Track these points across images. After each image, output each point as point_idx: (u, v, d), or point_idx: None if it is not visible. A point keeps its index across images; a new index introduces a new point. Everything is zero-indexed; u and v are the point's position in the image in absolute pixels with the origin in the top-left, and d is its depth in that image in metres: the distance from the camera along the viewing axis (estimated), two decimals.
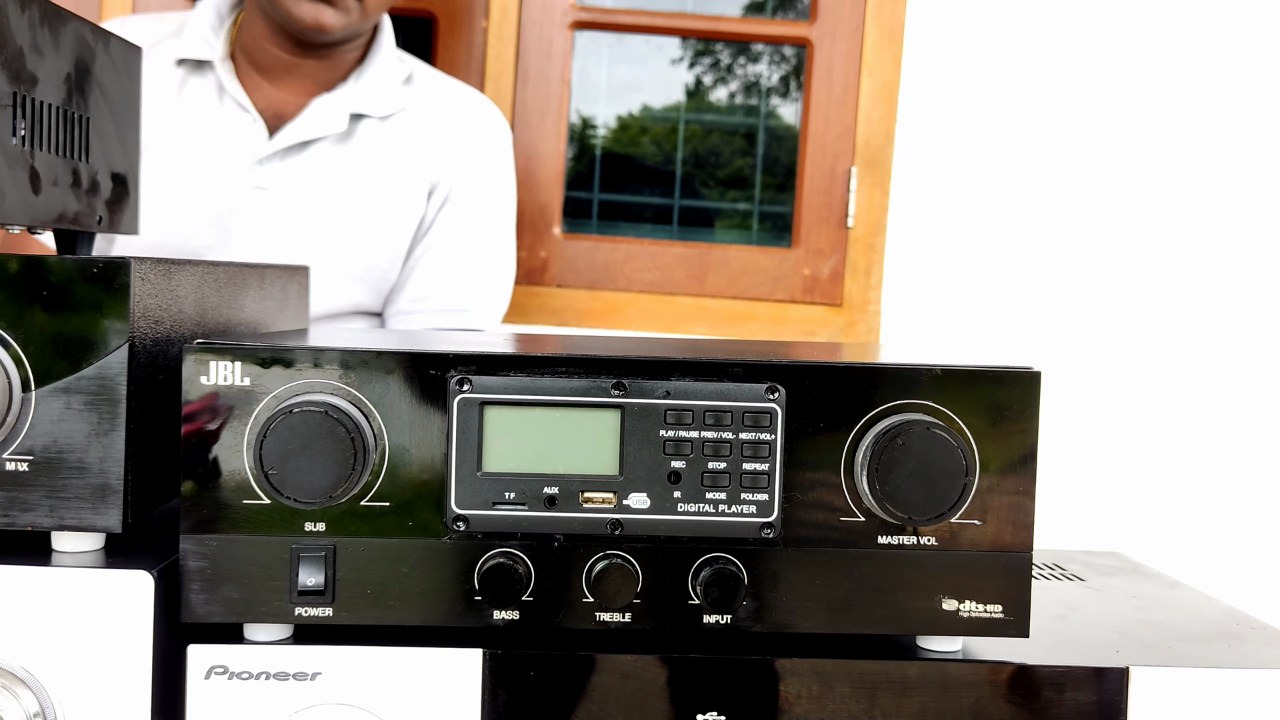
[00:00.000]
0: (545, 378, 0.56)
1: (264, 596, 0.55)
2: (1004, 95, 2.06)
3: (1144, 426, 2.11)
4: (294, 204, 1.43)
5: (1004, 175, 2.07)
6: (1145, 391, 2.10)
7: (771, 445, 0.56)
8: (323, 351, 0.55)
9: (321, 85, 1.47)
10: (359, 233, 1.45)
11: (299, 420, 0.53)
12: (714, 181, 2.26)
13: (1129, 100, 2.07)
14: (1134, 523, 2.08)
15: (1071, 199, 2.08)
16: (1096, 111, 2.07)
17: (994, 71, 2.06)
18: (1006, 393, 0.57)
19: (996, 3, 2.04)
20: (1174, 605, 0.71)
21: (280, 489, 0.54)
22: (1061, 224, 2.08)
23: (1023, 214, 2.08)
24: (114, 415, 0.54)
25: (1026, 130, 2.07)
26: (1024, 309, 2.08)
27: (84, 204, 0.73)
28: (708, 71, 2.24)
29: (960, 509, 0.56)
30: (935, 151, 2.07)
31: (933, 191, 2.08)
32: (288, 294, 0.84)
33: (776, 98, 2.26)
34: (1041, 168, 2.07)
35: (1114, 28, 2.06)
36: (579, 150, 2.19)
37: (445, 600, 0.56)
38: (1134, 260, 2.09)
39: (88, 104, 0.73)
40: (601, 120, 2.20)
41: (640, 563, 0.56)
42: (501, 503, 0.56)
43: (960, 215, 2.08)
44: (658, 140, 2.23)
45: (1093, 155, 2.07)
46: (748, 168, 2.27)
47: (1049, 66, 2.06)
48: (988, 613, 0.58)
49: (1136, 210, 2.09)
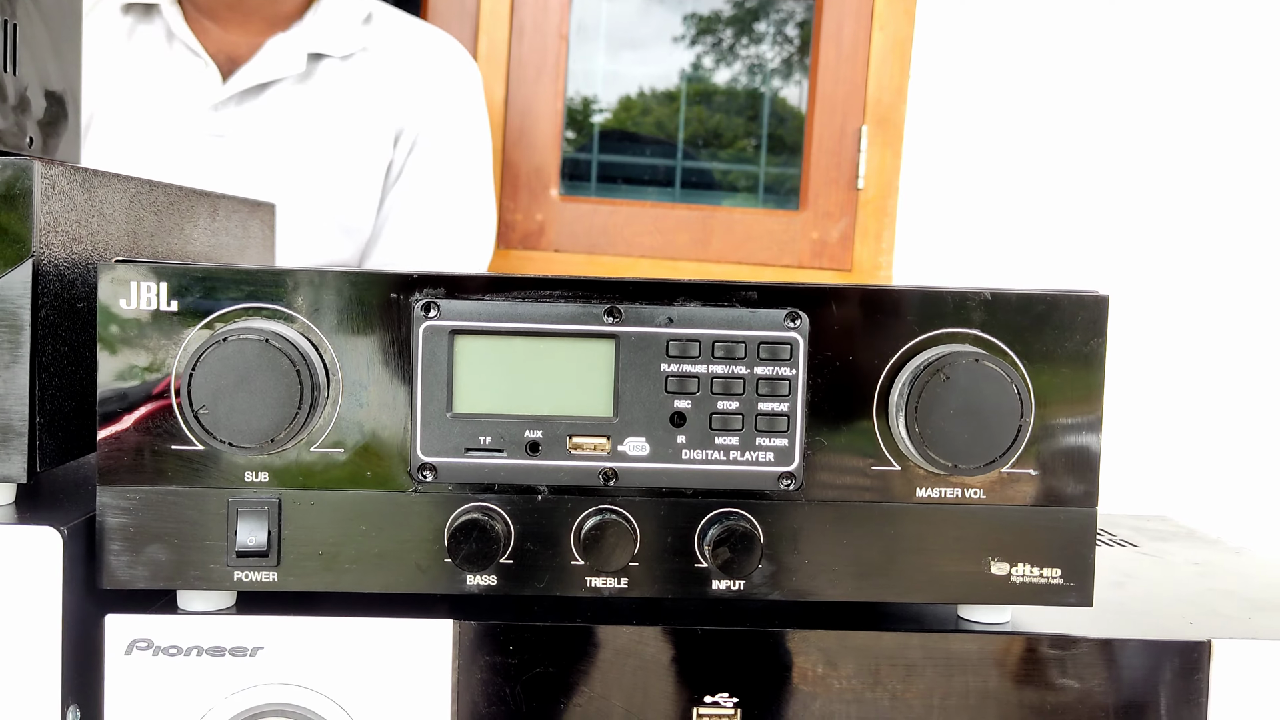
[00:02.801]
0: (527, 303, 0.47)
1: (197, 558, 0.47)
2: (1021, 50, 1.97)
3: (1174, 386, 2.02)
4: (254, 150, 1.35)
5: (1021, 134, 1.98)
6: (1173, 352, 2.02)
7: (792, 381, 0.48)
8: (266, 272, 0.47)
9: (273, 24, 1.40)
10: (324, 178, 1.38)
11: (234, 350, 0.45)
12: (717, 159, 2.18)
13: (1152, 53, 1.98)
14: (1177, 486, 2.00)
15: (1090, 158, 1.99)
16: (1117, 62, 1.98)
17: (1010, 24, 1.97)
18: (1068, 321, 0.49)
19: None
20: (1242, 573, 0.63)
21: (213, 431, 0.45)
22: (1081, 185, 1.99)
23: (1042, 174, 1.99)
24: (16, 345, 0.46)
25: (1045, 86, 1.98)
26: (1042, 272, 2.00)
27: (10, 121, 0.65)
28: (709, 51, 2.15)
29: (1013, 456, 0.48)
30: (950, 109, 1.99)
31: (947, 151, 2.00)
32: (248, 230, 0.75)
33: (779, 79, 2.17)
34: (1060, 124, 1.98)
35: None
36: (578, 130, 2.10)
37: (410, 562, 0.47)
38: (1154, 219, 2.00)
39: (14, 9, 0.64)
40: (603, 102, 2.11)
41: (638, 519, 0.48)
42: (475, 449, 0.47)
43: (976, 176, 2.00)
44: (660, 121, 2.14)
45: (1113, 109, 1.98)
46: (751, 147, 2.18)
47: (1067, 18, 1.97)
48: (1044, 578, 0.49)
49: (1156, 169, 2.00)
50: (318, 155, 1.38)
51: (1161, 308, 2.02)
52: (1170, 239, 2.01)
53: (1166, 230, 2.01)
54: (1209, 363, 2.03)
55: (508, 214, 1.99)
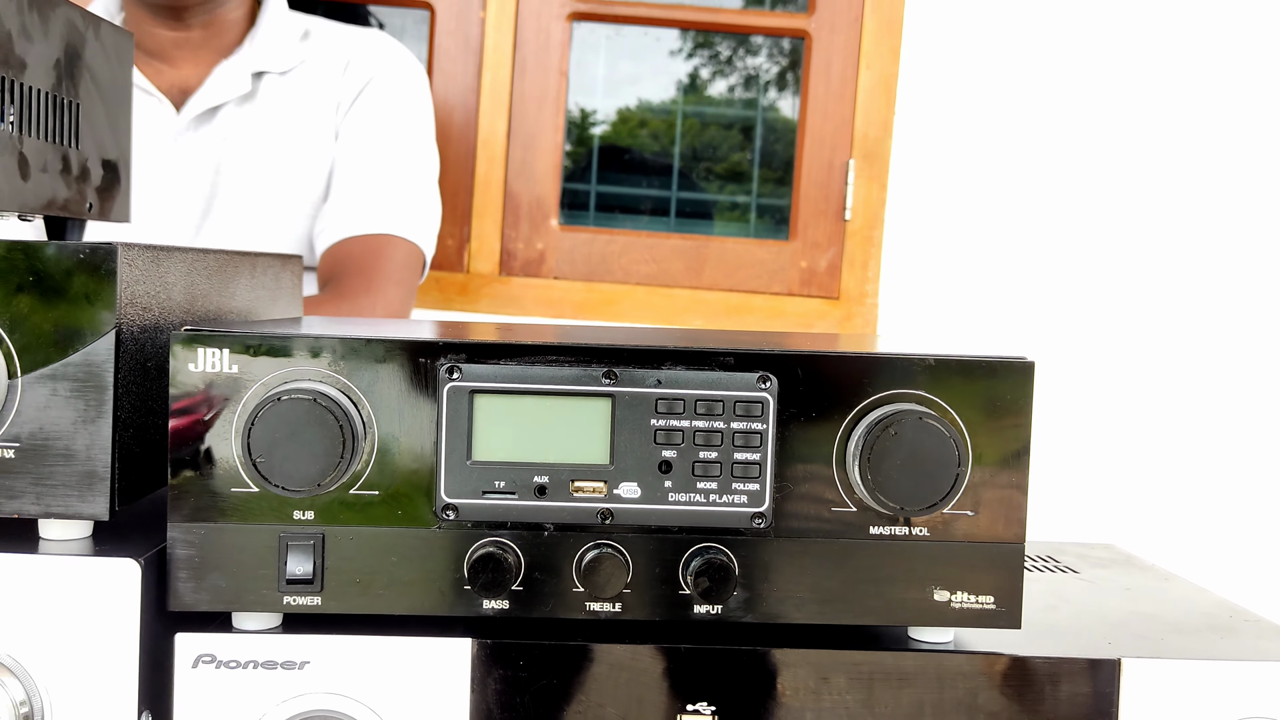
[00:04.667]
0: (536, 366, 0.55)
1: (252, 585, 0.55)
2: (1003, 88, 2.06)
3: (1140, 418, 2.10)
4: (211, 168, 1.47)
5: (1002, 169, 2.06)
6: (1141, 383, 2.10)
7: (763, 435, 0.56)
8: (312, 338, 0.55)
9: (218, 54, 1.50)
10: (279, 182, 1.48)
11: (287, 407, 0.53)
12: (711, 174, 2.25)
13: (1128, 92, 2.07)
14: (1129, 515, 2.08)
15: (1070, 193, 2.07)
16: (1096, 103, 2.06)
17: (993, 64, 2.06)
18: (1000, 383, 0.57)
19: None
20: (1166, 598, 0.71)
21: (268, 477, 0.53)
22: (1059, 218, 2.08)
23: (1021, 207, 2.07)
24: (101, 402, 0.54)
25: (1025, 123, 2.06)
26: (1022, 302, 2.08)
27: (74, 191, 0.73)
28: (706, 64, 2.23)
29: (952, 500, 0.56)
30: (933, 144, 2.07)
31: (931, 185, 2.08)
32: (280, 282, 0.83)
33: (774, 91, 2.25)
34: (1040, 161, 2.06)
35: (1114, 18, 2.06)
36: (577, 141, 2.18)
37: (434, 589, 0.55)
38: (1130, 253, 2.08)
39: (78, 90, 0.72)
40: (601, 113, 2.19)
41: (631, 552, 0.56)
42: (491, 491, 0.55)
43: (958, 208, 2.08)
44: (656, 133, 2.22)
45: (1092, 148, 2.07)
46: (745, 161, 2.26)
47: (1048, 59, 2.06)
48: (980, 604, 0.57)
49: (1132, 204, 2.08)
50: (269, 161, 1.48)
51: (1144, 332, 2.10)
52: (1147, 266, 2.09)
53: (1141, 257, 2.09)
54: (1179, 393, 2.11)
55: (509, 242, 2.07)
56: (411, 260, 1.48)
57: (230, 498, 0.55)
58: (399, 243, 1.46)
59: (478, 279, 2.05)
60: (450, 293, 2.01)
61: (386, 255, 1.44)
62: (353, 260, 1.43)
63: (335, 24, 1.60)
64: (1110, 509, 2.09)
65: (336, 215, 1.47)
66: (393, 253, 1.45)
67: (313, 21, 1.58)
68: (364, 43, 1.56)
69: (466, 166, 2.03)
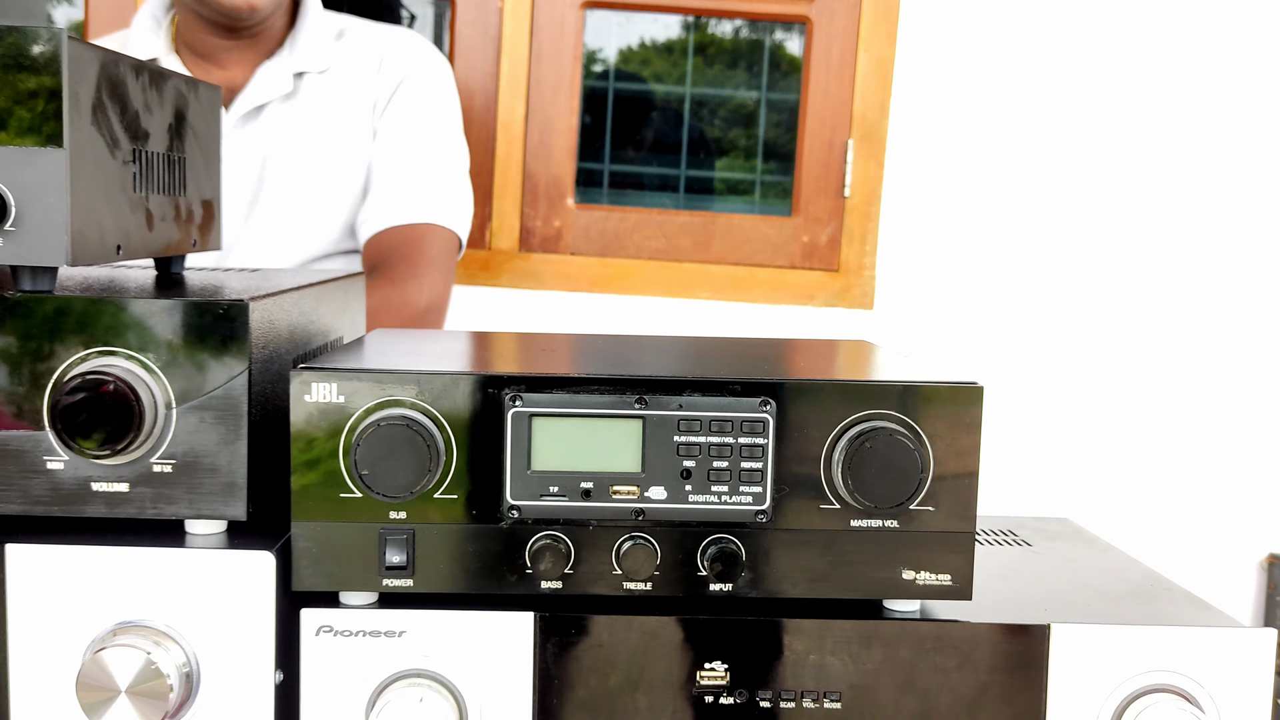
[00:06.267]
0: (581, 394, 0.69)
1: (358, 570, 0.69)
2: (993, 71, 2.17)
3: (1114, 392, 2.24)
4: (258, 162, 1.60)
5: (992, 147, 2.18)
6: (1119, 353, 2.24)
7: (764, 448, 0.69)
8: (403, 373, 0.68)
9: (261, 56, 1.63)
10: (321, 173, 1.61)
11: (386, 432, 0.67)
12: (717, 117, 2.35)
13: (1113, 78, 2.18)
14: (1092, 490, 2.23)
15: (1054, 171, 2.19)
16: (1081, 87, 2.18)
17: (985, 48, 2.17)
18: (955, 403, 0.70)
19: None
20: (1102, 568, 0.85)
21: (371, 486, 0.67)
22: (1044, 195, 2.20)
23: (1009, 184, 2.19)
24: (238, 427, 0.68)
25: (1014, 104, 2.18)
26: (1009, 274, 2.21)
27: (183, 231, 0.86)
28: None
29: (917, 499, 0.70)
30: (928, 125, 2.19)
31: (925, 163, 2.20)
32: (348, 300, 0.97)
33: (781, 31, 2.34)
34: (1027, 140, 2.18)
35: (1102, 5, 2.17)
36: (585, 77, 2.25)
37: (503, 573, 0.69)
38: (1111, 230, 2.21)
39: (184, 145, 0.86)
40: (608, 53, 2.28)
41: (658, 542, 0.70)
42: (547, 495, 0.69)
43: (951, 185, 2.20)
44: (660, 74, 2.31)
45: (1076, 128, 2.18)
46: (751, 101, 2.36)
47: (1037, 43, 2.17)
48: (939, 581, 0.71)
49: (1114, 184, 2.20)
50: (312, 154, 1.62)
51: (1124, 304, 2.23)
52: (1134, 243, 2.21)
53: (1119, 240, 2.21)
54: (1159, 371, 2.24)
55: (528, 220, 2.19)
56: (450, 246, 1.62)
57: (340, 501, 0.68)
58: (438, 230, 1.60)
59: (499, 255, 2.18)
60: (473, 269, 2.14)
61: (428, 242, 1.58)
62: (397, 249, 1.56)
63: (367, 22, 1.72)
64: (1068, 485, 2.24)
65: (379, 206, 1.60)
66: (434, 240, 1.59)
67: (346, 21, 1.70)
68: (395, 42, 1.68)
69: (487, 148, 2.16)
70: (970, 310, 2.20)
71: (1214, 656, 0.71)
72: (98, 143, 0.69)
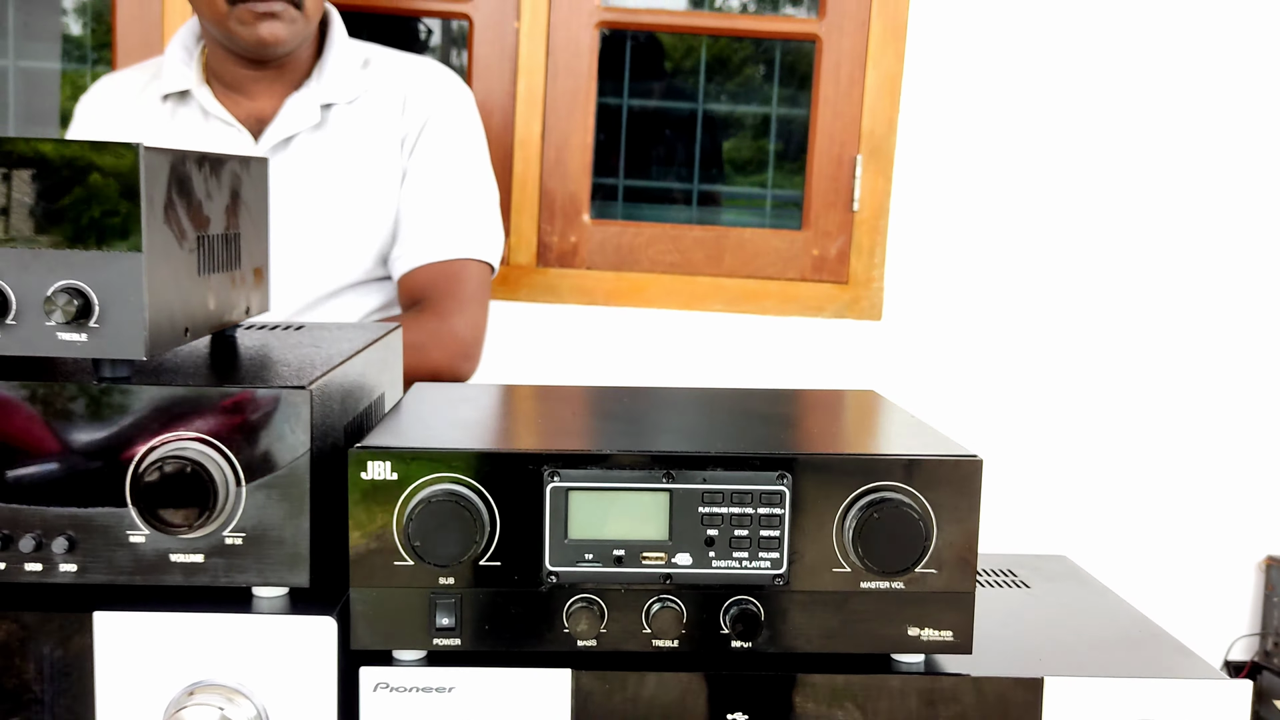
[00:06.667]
0: (614, 470, 0.75)
1: (410, 631, 0.75)
2: (999, 88, 2.22)
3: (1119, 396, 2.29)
4: (288, 193, 1.65)
5: (997, 162, 2.23)
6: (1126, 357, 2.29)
7: (781, 517, 0.76)
8: (451, 452, 0.75)
9: (289, 85, 1.68)
10: (350, 205, 1.67)
11: (436, 507, 0.73)
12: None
13: (1118, 94, 2.23)
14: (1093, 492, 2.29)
15: (1058, 186, 2.25)
16: (1082, 101, 2.23)
17: (990, 66, 2.22)
18: (956, 475, 0.76)
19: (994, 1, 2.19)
20: (1093, 613, 0.91)
21: (423, 556, 0.74)
22: (1049, 209, 2.25)
23: (1015, 198, 2.25)
24: (301, 503, 0.74)
25: (1018, 121, 2.23)
26: (1014, 284, 2.26)
27: (238, 301, 0.93)
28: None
29: (921, 563, 0.76)
30: (935, 140, 2.24)
31: (932, 177, 2.25)
32: (388, 358, 1.03)
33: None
34: (1031, 155, 2.24)
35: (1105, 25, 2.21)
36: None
37: (542, 633, 0.76)
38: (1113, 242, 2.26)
39: (239, 222, 0.92)
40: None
41: (685, 604, 0.76)
42: (582, 561, 0.76)
43: (957, 199, 2.26)
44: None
45: (1080, 144, 2.24)
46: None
47: (1041, 60, 2.22)
48: (941, 637, 0.78)
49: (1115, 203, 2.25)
50: (341, 185, 1.68)
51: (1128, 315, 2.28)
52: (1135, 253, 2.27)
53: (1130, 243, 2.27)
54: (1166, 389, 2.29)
55: (545, 235, 2.25)
56: (485, 278, 1.70)
57: (394, 569, 0.75)
58: (474, 265, 1.68)
59: (517, 270, 2.24)
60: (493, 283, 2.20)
61: (465, 277, 1.65)
62: (437, 284, 1.64)
63: (390, 52, 1.77)
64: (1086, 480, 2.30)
65: (415, 244, 1.67)
66: (470, 274, 1.66)
67: (370, 50, 1.75)
68: (418, 78, 1.73)
69: (505, 166, 2.21)
70: (975, 320, 2.26)
71: (1195, 707, 0.77)
72: (169, 240, 0.76)
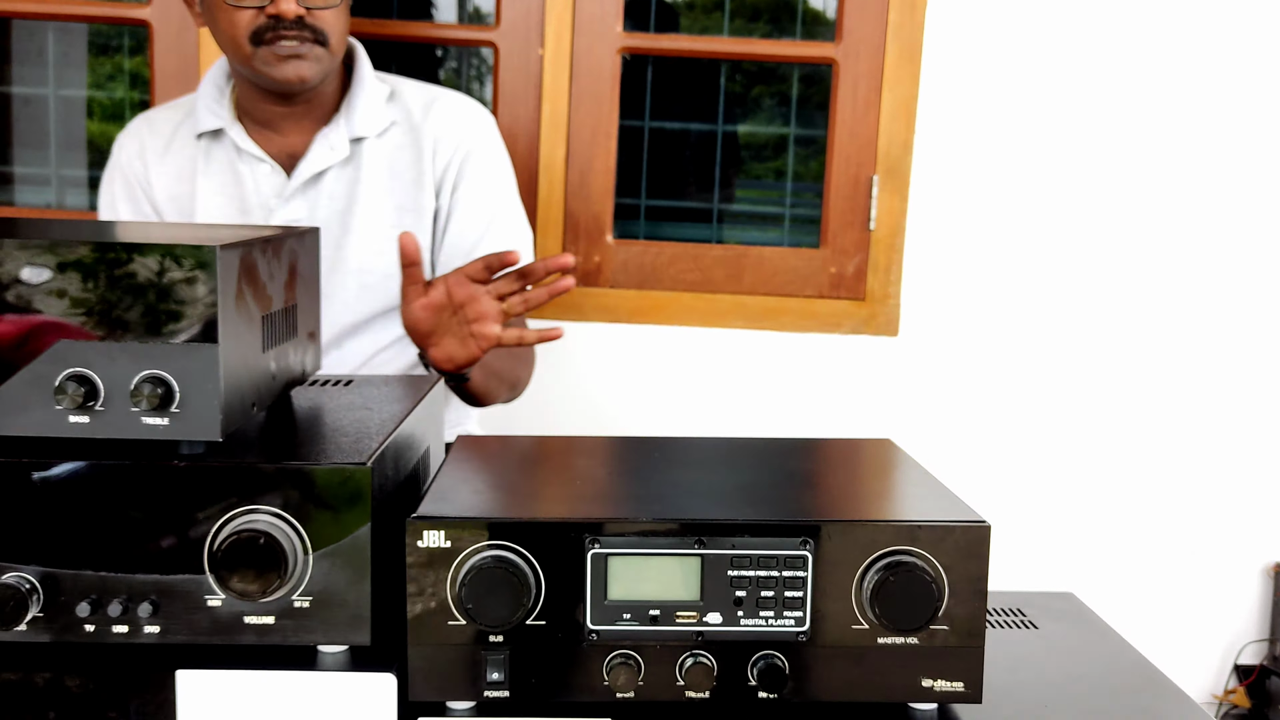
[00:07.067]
0: (649, 537, 0.82)
1: (462, 684, 0.82)
2: (1012, 110, 2.27)
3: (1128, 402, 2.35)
4: (322, 226, 1.73)
5: (1011, 182, 2.29)
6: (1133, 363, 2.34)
7: (804, 579, 0.82)
8: (499, 521, 0.81)
9: (318, 120, 1.75)
10: (381, 235, 1.72)
11: (487, 574, 0.80)
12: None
13: (1125, 115, 2.28)
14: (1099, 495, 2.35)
15: (1071, 204, 2.30)
16: (1094, 123, 2.28)
17: (1003, 88, 2.26)
18: (966, 539, 0.83)
19: (1006, 26, 2.24)
20: (1097, 656, 0.97)
21: (475, 618, 0.80)
22: (1061, 227, 2.30)
23: (1027, 217, 2.30)
24: (363, 569, 0.81)
25: (1032, 142, 2.28)
26: (1026, 304, 2.32)
27: (296, 367, 0.99)
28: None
29: (933, 621, 0.82)
30: (949, 161, 2.29)
31: (947, 197, 2.30)
32: (431, 412, 1.10)
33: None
34: (1044, 175, 2.29)
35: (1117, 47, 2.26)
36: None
37: (585, 685, 0.83)
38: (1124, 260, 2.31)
39: (295, 293, 0.98)
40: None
41: (715, 659, 0.83)
42: (621, 620, 0.82)
43: (971, 218, 2.31)
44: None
45: (1091, 163, 2.28)
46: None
47: (1053, 82, 2.26)
48: (953, 687, 0.84)
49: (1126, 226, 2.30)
50: (373, 217, 1.74)
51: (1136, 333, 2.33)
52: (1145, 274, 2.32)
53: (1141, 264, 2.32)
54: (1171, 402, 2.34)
55: None
56: None
57: (448, 628, 0.82)
58: None
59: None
60: None
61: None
62: None
63: (414, 84, 1.82)
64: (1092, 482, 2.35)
65: None
66: None
67: (395, 81, 1.81)
68: (447, 114, 1.78)
69: (530, 189, 2.27)
70: (988, 335, 2.31)
71: None
72: (239, 327, 0.82)
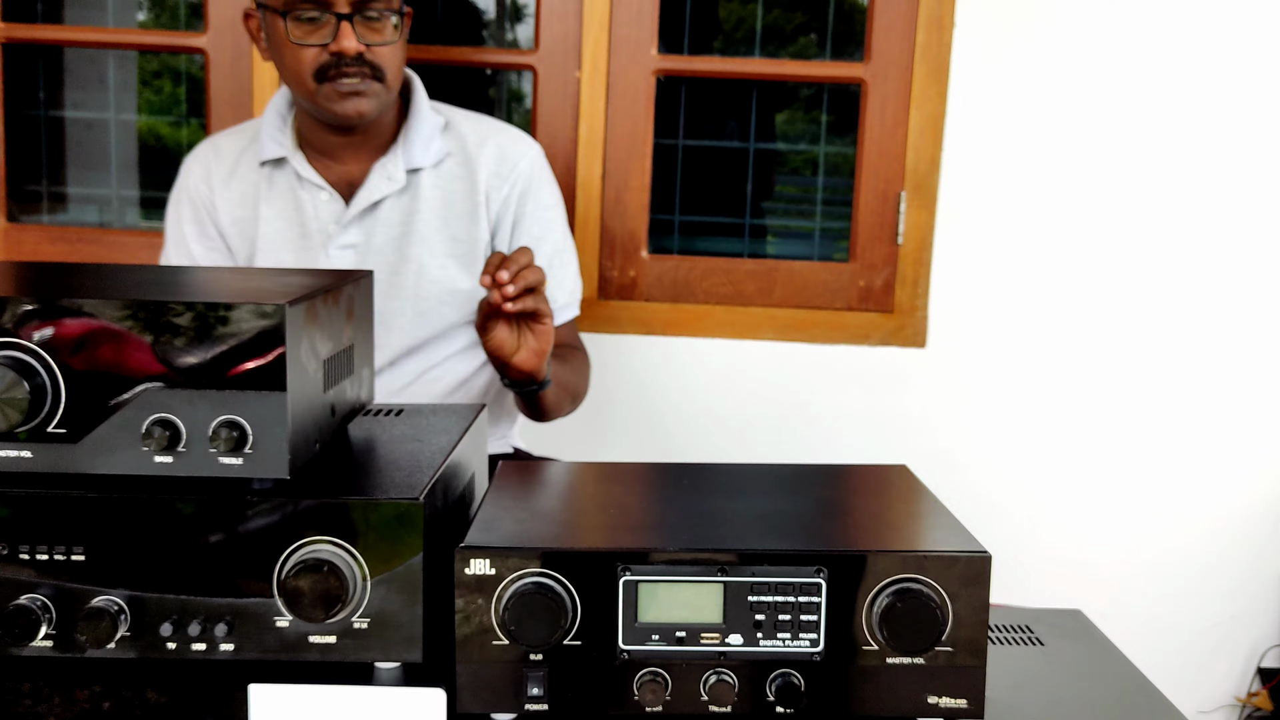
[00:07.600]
0: (676, 565, 0.89)
1: (506, 698, 0.90)
2: (1037, 127, 2.32)
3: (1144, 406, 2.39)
4: (378, 252, 1.81)
5: (1036, 197, 2.34)
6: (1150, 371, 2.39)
7: (819, 605, 0.90)
8: (540, 550, 0.89)
9: (376, 150, 1.83)
10: (435, 264, 1.81)
11: (528, 599, 0.88)
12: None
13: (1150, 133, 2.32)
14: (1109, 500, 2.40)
15: (1096, 220, 2.35)
16: (1119, 139, 2.32)
17: (1028, 106, 2.32)
18: (968, 568, 0.90)
19: (1031, 46, 2.29)
20: (1100, 676, 1.04)
21: (517, 639, 0.88)
22: (1086, 242, 2.35)
23: (1053, 232, 2.35)
24: (416, 594, 0.89)
25: (1056, 157, 2.33)
26: (1052, 315, 2.37)
27: (353, 401, 1.08)
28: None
29: (938, 644, 0.89)
30: (976, 177, 2.35)
31: (973, 212, 2.36)
32: (476, 440, 1.18)
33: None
34: (1069, 190, 2.34)
35: (1143, 66, 2.30)
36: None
37: (617, 700, 0.90)
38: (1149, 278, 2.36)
39: (352, 334, 1.06)
40: None
41: (736, 677, 0.90)
42: (650, 641, 0.90)
43: (997, 232, 2.36)
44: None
45: (1116, 179, 2.33)
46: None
47: (1077, 101, 2.31)
48: (957, 704, 0.91)
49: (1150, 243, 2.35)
50: (428, 246, 1.83)
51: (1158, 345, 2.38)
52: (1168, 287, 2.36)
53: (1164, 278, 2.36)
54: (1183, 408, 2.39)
55: (606, 270, 2.39)
56: (577, 325, 1.93)
57: (492, 647, 0.90)
58: (575, 321, 1.91)
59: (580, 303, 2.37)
60: None
61: (575, 330, 1.93)
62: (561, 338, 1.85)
63: (467, 114, 1.90)
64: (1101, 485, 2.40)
65: None
66: (572, 327, 1.93)
67: (449, 112, 1.89)
68: (502, 148, 1.86)
69: (568, 206, 2.35)
70: (1014, 347, 2.37)
71: None
72: (304, 374, 0.91)
